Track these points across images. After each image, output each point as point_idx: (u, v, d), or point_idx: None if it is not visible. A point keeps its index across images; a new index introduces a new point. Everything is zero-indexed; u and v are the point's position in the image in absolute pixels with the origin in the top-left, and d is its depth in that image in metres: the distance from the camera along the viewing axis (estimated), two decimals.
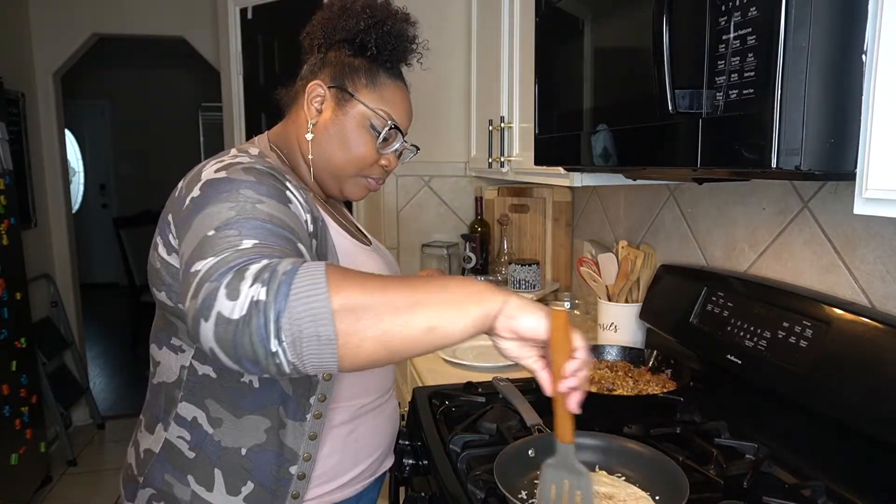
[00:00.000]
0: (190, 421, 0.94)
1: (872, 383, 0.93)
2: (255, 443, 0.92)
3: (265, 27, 2.87)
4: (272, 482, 0.93)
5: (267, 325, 0.62)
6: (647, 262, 1.62)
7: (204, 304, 0.64)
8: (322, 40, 1.03)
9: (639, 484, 0.96)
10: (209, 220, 0.76)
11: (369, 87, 1.01)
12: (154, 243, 0.93)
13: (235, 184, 0.81)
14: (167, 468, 0.94)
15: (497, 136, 1.96)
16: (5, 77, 3.00)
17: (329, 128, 1.00)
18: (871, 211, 0.70)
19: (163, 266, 0.91)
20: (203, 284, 0.66)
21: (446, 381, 1.49)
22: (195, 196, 0.81)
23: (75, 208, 6.64)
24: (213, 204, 0.78)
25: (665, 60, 0.82)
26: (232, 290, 0.64)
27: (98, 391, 4.38)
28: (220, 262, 0.67)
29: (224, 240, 0.71)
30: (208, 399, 0.93)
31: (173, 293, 0.91)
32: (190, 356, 0.93)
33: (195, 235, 0.75)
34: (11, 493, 2.72)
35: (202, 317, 0.64)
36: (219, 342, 0.64)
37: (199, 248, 0.72)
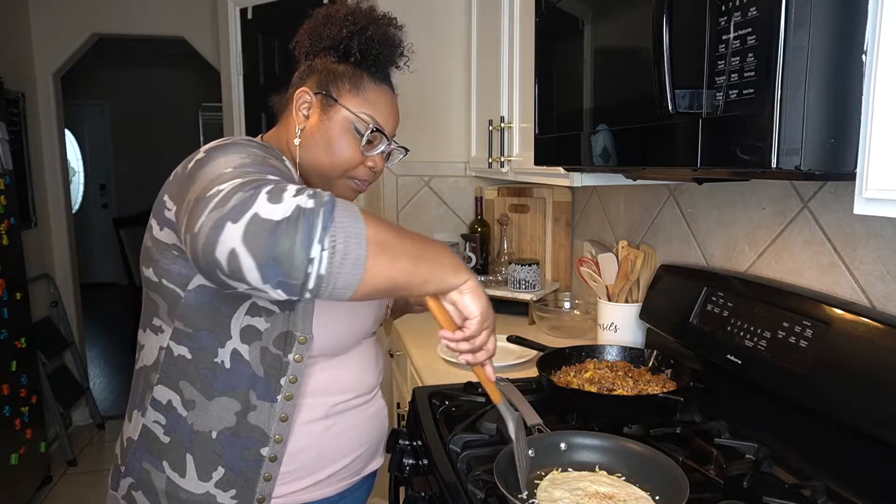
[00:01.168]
0: (165, 404, 0.95)
1: (872, 383, 0.93)
2: (224, 426, 0.94)
3: (265, 27, 2.87)
4: (243, 466, 0.94)
5: (313, 229, 0.67)
6: (647, 262, 1.62)
7: (233, 210, 0.67)
8: (308, 48, 1.06)
9: (639, 484, 0.96)
10: (222, 164, 0.80)
11: (352, 92, 1.03)
12: (149, 226, 0.96)
13: (242, 145, 0.88)
14: (145, 455, 0.96)
15: (497, 136, 1.96)
16: (5, 77, 3.01)
17: (315, 133, 1.03)
18: (871, 211, 0.70)
19: (153, 244, 0.94)
20: (232, 195, 0.69)
21: (446, 381, 1.49)
22: (199, 158, 0.86)
23: (75, 208, 6.64)
24: (223, 155, 0.83)
25: (665, 60, 0.82)
26: (274, 196, 0.68)
27: (98, 391, 4.38)
28: (250, 181, 0.71)
29: (246, 173, 0.76)
30: (182, 381, 0.94)
31: (159, 267, 0.93)
32: (168, 336, 0.94)
33: (207, 177, 0.78)
34: (11, 493, 2.72)
35: (229, 220, 0.67)
36: (246, 240, 0.66)
37: (216, 180, 0.74)
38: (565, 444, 1.05)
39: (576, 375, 1.38)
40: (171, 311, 0.94)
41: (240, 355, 0.93)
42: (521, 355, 1.67)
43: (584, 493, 0.92)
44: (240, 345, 0.92)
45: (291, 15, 2.88)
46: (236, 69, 3.02)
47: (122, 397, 4.39)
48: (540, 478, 0.98)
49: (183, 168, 0.91)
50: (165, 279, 0.92)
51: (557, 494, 0.92)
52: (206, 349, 0.93)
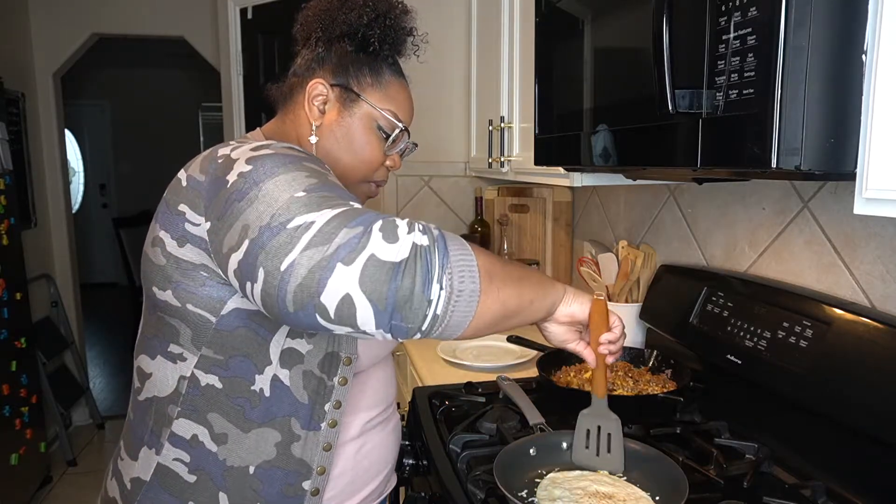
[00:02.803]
0: (189, 440, 0.85)
1: (872, 383, 0.93)
2: (263, 459, 0.84)
3: (265, 27, 2.87)
4: (283, 501, 0.86)
5: (432, 270, 0.64)
6: (647, 262, 1.62)
7: (344, 249, 0.63)
8: (321, 34, 0.95)
9: (639, 484, 0.96)
10: (288, 185, 0.71)
11: (374, 86, 0.95)
12: (156, 238, 0.84)
13: (294, 157, 0.76)
14: (162, 497, 0.86)
15: (497, 136, 1.96)
16: (5, 77, 3.01)
17: (335, 130, 0.94)
18: (871, 211, 0.70)
19: (171, 262, 0.81)
20: (337, 230, 0.64)
21: (446, 381, 1.49)
22: (245, 170, 0.74)
23: (75, 208, 6.64)
24: (282, 172, 0.73)
25: (665, 60, 0.82)
26: (388, 234, 0.64)
27: (98, 391, 4.38)
28: (346, 214, 0.66)
29: (326, 199, 0.69)
30: (211, 413, 0.84)
31: (182, 290, 0.81)
32: (192, 365, 0.84)
33: (274, 199, 0.70)
34: (11, 493, 2.72)
35: (339, 261, 0.63)
36: (364, 284, 0.63)
37: (291, 206, 0.68)
38: (567, 443, 1.05)
39: (576, 375, 1.38)
40: (196, 338, 0.83)
41: (280, 381, 0.83)
42: (521, 355, 1.67)
43: (584, 492, 0.92)
44: (279, 370, 0.83)
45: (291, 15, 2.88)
46: (236, 69, 3.02)
47: (122, 397, 4.39)
48: (540, 477, 0.98)
49: (206, 175, 0.80)
50: (192, 304, 0.81)
51: (557, 493, 0.92)
52: (240, 377, 0.83)
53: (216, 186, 0.77)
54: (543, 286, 0.81)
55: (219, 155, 0.81)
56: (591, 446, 0.97)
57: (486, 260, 0.70)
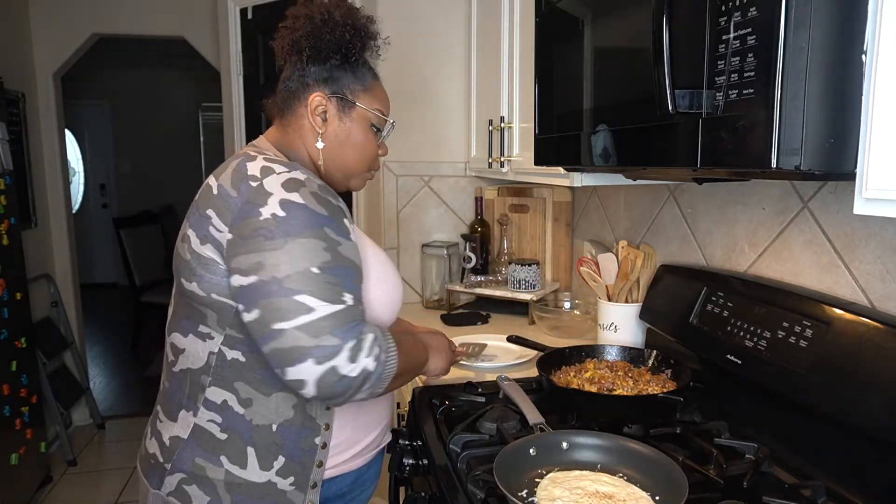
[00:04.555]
0: (220, 404, 1.00)
1: (872, 383, 0.93)
2: (284, 418, 1.00)
3: (265, 27, 2.86)
4: (301, 454, 1.02)
5: (366, 384, 0.92)
6: (647, 262, 1.62)
7: (319, 351, 0.87)
8: (310, 52, 1.07)
9: (639, 484, 0.96)
10: (307, 253, 0.90)
11: (363, 91, 1.10)
12: (184, 236, 0.99)
13: (317, 218, 0.93)
14: (197, 451, 1.00)
15: (497, 136, 1.96)
16: (5, 77, 3.00)
17: (338, 135, 1.09)
18: (871, 211, 0.70)
19: (194, 258, 0.96)
20: (322, 333, 0.87)
21: (446, 381, 1.49)
22: (279, 215, 0.91)
23: (75, 208, 6.65)
24: (305, 235, 0.91)
25: (665, 60, 0.82)
26: (353, 355, 0.89)
27: (98, 391, 4.38)
28: (336, 318, 0.89)
29: (330, 286, 0.90)
30: (237, 381, 0.99)
31: (205, 283, 0.96)
32: (219, 343, 0.99)
33: (294, 260, 0.89)
34: (11, 493, 2.72)
35: (311, 358, 0.87)
36: (318, 382, 0.88)
37: (304, 279, 0.89)
38: (567, 443, 1.05)
39: (576, 375, 1.38)
40: (221, 321, 0.98)
41: None
42: (521, 355, 1.67)
43: (584, 492, 0.92)
44: None
45: None
46: (236, 69, 3.02)
47: (122, 397, 4.39)
48: (540, 477, 0.98)
49: (239, 193, 0.94)
50: (215, 293, 0.96)
51: (557, 493, 0.92)
52: (260, 351, 0.95)
53: (248, 211, 0.92)
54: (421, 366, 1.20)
55: (249, 174, 0.96)
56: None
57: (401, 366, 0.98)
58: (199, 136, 7.41)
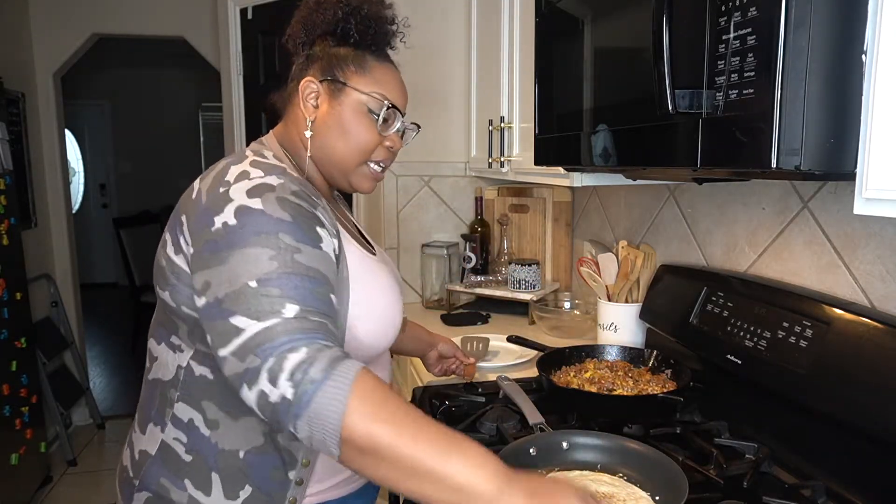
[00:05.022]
0: (186, 423, 0.92)
1: (872, 383, 0.93)
2: (253, 445, 0.91)
3: (265, 27, 2.87)
4: (270, 486, 0.92)
5: (287, 419, 0.74)
6: (647, 262, 1.62)
7: (247, 374, 0.76)
8: (304, 38, 1.02)
9: (639, 484, 0.96)
10: (248, 265, 0.79)
11: (359, 73, 1.00)
12: (163, 240, 0.93)
13: (273, 224, 0.82)
14: (163, 471, 0.93)
15: (497, 136, 1.96)
16: (5, 77, 3.00)
17: (327, 120, 0.99)
18: (871, 211, 0.70)
19: (168, 265, 0.91)
20: (247, 354, 0.76)
21: (446, 381, 1.49)
22: (230, 224, 0.82)
23: (75, 208, 6.64)
24: (251, 245, 0.80)
25: (665, 60, 0.82)
26: (272, 376, 0.74)
27: (98, 391, 4.38)
28: (264, 335, 0.76)
29: (267, 299, 0.78)
30: (205, 400, 0.92)
31: (177, 293, 0.90)
32: (188, 356, 0.92)
33: (233, 276, 0.79)
34: (11, 493, 2.72)
35: (244, 383, 0.76)
36: (259, 408, 0.76)
37: (238, 297, 0.78)
38: (567, 443, 1.05)
39: (576, 375, 1.38)
40: (191, 333, 0.91)
41: None
42: (521, 355, 1.67)
43: None
44: None
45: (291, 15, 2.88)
46: (236, 69, 3.02)
47: (122, 397, 4.39)
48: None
49: (208, 197, 0.87)
50: (185, 306, 0.90)
51: None
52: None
53: (204, 220, 0.85)
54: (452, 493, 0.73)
55: (225, 178, 0.88)
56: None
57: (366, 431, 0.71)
58: (199, 136, 7.41)
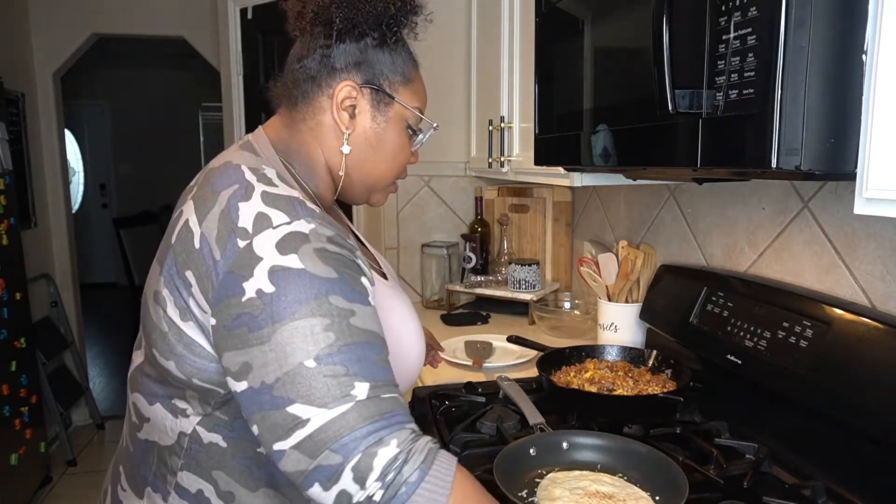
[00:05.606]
0: (195, 494, 0.80)
1: (872, 383, 0.93)
2: None
3: (265, 27, 2.87)
4: None
5: None
6: (647, 262, 1.62)
7: (321, 472, 0.66)
8: (342, 25, 0.81)
9: (639, 484, 0.96)
10: (301, 341, 0.68)
11: (405, 85, 0.87)
12: (158, 296, 0.77)
13: (320, 285, 0.70)
14: None
15: (497, 136, 1.96)
16: (5, 77, 3.00)
17: (369, 137, 0.86)
18: (872, 211, 0.70)
19: (172, 332, 0.76)
20: (321, 449, 0.66)
21: (446, 381, 1.49)
22: (266, 292, 0.69)
23: (75, 208, 6.64)
24: (299, 315, 0.68)
25: (665, 60, 0.82)
26: (360, 476, 0.66)
27: (98, 391, 4.38)
28: (339, 425, 0.67)
29: (333, 380, 0.67)
30: (216, 470, 0.79)
31: (186, 365, 0.76)
32: (195, 423, 0.79)
33: (283, 358, 0.68)
34: (11, 493, 2.72)
35: (318, 481, 0.67)
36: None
37: (295, 381, 0.67)
38: (567, 443, 1.05)
39: (576, 375, 1.38)
40: (204, 400, 0.79)
41: None
42: (521, 355, 1.67)
43: (584, 492, 0.92)
44: None
45: None
46: (236, 69, 3.02)
47: (122, 397, 4.39)
48: (540, 477, 0.98)
49: (222, 254, 0.71)
50: (198, 379, 0.76)
51: (557, 493, 0.92)
52: (245, 438, 0.78)
53: (231, 286, 0.70)
54: None
55: (239, 225, 0.72)
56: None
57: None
58: (199, 136, 7.41)
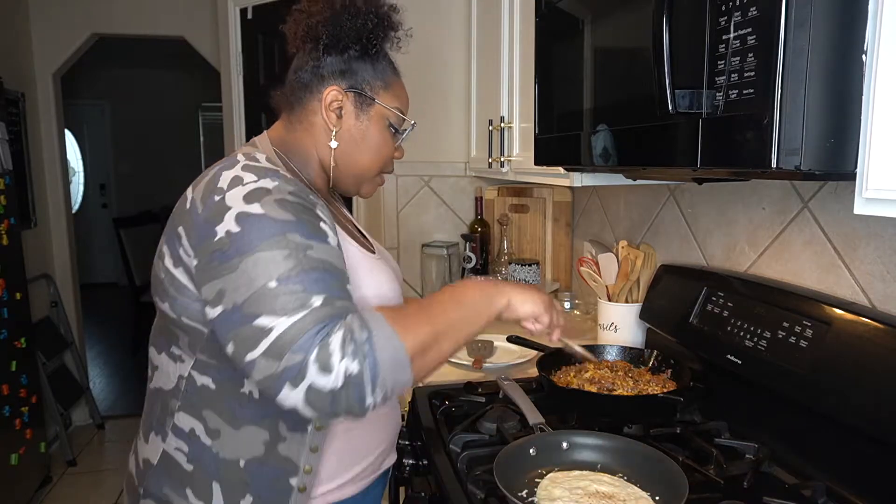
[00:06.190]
0: (188, 432, 0.92)
1: (872, 383, 0.93)
2: (253, 455, 0.91)
3: (265, 27, 2.87)
4: (271, 494, 0.92)
5: (364, 390, 0.76)
6: (647, 262, 1.62)
7: (288, 373, 0.75)
8: (328, 41, 0.97)
9: (639, 484, 0.96)
10: (264, 267, 0.79)
11: (384, 88, 1.01)
12: (160, 252, 0.92)
13: (279, 225, 0.82)
14: (165, 480, 0.94)
15: (497, 136, 1.96)
16: (5, 77, 3.00)
17: (353, 134, 1.00)
18: (872, 211, 0.70)
19: (167, 278, 0.90)
20: (284, 352, 0.75)
21: (446, 381, 1.49)
22: (233, 231, 0.81)
23: (75, 208, 6.64)
24: (261, 248, 0.80)
25: (665, 60, 0.82)
26: (323, 364, 0.75)
27: (98, 391, 4.38)
28: (298, 327, 0.76)
29: (292, 296, 0.77)
30: (206, 410, 0.91)
31: (177, 305, 0.90)
32: (189, 366, 0.92)
33: (250, 282, 0.78)
34: (11, 493, 2.72)
35: (287, 382, 0.75)
36: (310, 405, 0.76)
37: (260, 299, 0.77)
38: (567, 443, 1.05)
39: (576, 375, 1.38)
40: (192, 344, 0.91)
41: None
42: (522, 355, 1.67)
43: (584, 492, 0.92)
44: None
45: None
46: (236, 69, 3.02)
47: (122, 397, 4.39)
48: (541, 477, 0.98)
49: (204, 207, 0.85)
50: (185, 317, 0.89)
51: (557, 493, 0.92)
52: (231, 380, 0.90)
53: (205, 231, 0.84)
54: (479, 313, 0.92)
55: (218, 185, 0.86)
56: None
57: (416, 338, 0.81)
58: (199, 136, 7.42)
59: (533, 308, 0.98)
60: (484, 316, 0.92)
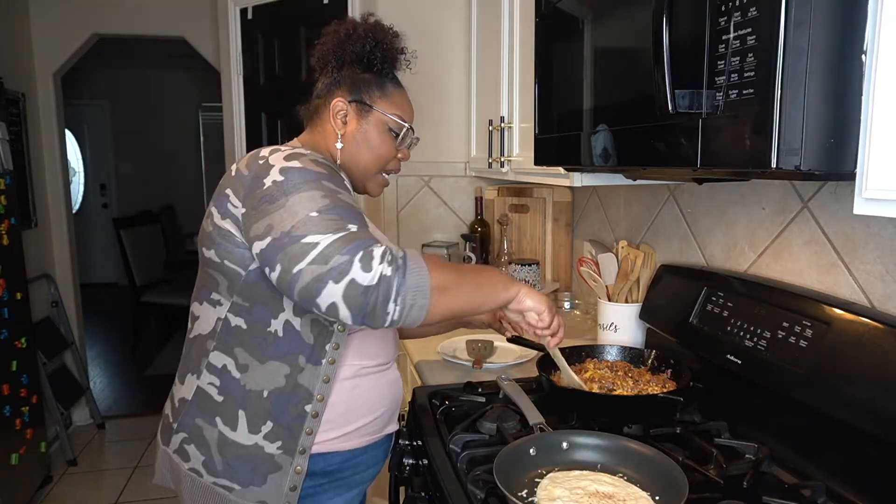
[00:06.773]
0: (220, 368, 1.08)
1: (872, 383, 0.93)
2: (275, 386, 1.07)
3: (265, 27, 2.86)
4: (289, 420, 1.07)
5: (389, 292, 0.90)
6: (647, 262, 1.62)
7: (334, 271, 0.89)
8: (334, 62, 1.20)
9: (639, 484, 0.96)
10: (307, 202, 0.96)
11: (382, 97, 1.20)
12: (208, 213, 1.09)
13: (315, 174, 1.00)
14: (198, 413, 1.09)
15: (497, 136, 1.96)
16: (5, 77, 3.00)
17: (356, 135, 1.19)
18: (871, 211, 0.70)
19: (214, 230, 1.07)
20: (332, 255, 0.90)
21: (446, 381, 1.49)
22: (278, 180, 0.99)
23: (75, 208, 6.64)
24: (303, 189, 0.97)
25: (665, 60, 0.82)
26: (365, 264, 0.90)
27: (98, 391, 4.38)
28: (343, 239, 0.92)
29: (332, 221, 0.94)
30: (237, 347, 1.07)
31: (222, 250, 1.06)
32: (226, 309, 1.08)
33: (295, 214, 0.95)
34: (11, 493, 2.72)
35: (331, 279, 0.89)
36: (346, 299, 0.89)
37: (306, 223, 0.94)
38: (567, 443, 1.05)
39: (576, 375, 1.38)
40: (230, 287, 1.07)
41: (292, 325, 1.07)
42: (522, 355, 1.67)
43: (584, 492, 0.92)
44: (292, 317, 1.07)
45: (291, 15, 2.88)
46: (236, 69, 3.02)
47: (122, 397, 4.39)
48: (540, 477, 0.98)
49: (250, 171, 1.04)
50: (227, 260, 1.05)
51: (557, 493, 0.92)
52: (260, 320, 1.06)
53: (255, 183, 1.01)
54: (496, 291, 1.06)
55: (260, 156, 1.06)
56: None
57: (444, 276, 0.96)
58: (199, 136, 7.42)
59: (538, 303, 1.10)
60: (498, 292, 1.06)
